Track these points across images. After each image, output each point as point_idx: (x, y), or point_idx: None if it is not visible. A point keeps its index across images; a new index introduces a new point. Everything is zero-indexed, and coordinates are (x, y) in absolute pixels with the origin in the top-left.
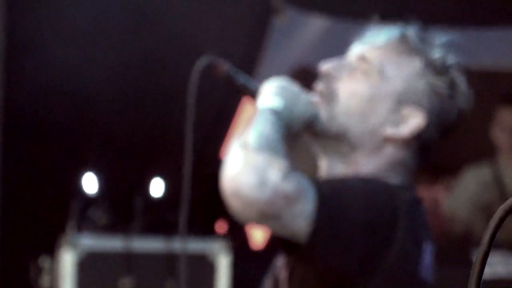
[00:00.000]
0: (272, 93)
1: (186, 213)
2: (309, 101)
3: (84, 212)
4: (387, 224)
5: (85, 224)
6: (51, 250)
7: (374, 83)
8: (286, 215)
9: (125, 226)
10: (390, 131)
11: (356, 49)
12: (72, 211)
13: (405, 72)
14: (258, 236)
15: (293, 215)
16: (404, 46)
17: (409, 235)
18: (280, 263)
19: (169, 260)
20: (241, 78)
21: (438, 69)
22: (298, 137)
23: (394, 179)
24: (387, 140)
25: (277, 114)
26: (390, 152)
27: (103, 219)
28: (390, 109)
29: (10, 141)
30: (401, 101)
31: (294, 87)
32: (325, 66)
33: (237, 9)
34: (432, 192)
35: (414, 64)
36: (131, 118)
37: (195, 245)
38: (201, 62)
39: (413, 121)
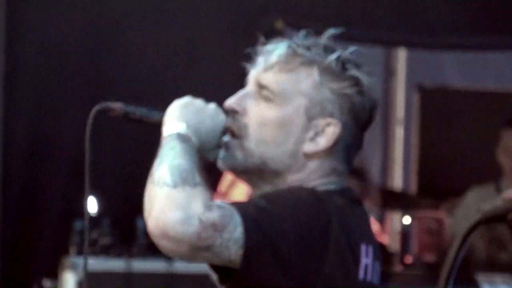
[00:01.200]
0: (174, 117)
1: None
2: (216, 111)
3: (86, 234)
4: (319, 232)
5: (86, 246)
6: (54, 272)
7: (279, 107)
8: (217, 244)
9: (126, 247)
10: (309, 147)
11: (252, 76)
12: (74, 233)
13: (305, 87)
14: None
15: (223, 242)
16: (295, 59)
17: (342, 239)
18: None
19: (169, 280)
20: (138, 112)
21: (336, 71)
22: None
23: (327, 187)
24: (309, 156)
25: (184, 137)
26: (315, 166)
27: (105, 241)
28: (303, 127)
29: (11, 162)
30: (311, 116)
31: (197, 103)
32: (228, 103)
33: (239, 31)
34: (436, 214)
35: (311, 75)
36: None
37: (199, 266)
38: (94, 109)
39: (329, 131)
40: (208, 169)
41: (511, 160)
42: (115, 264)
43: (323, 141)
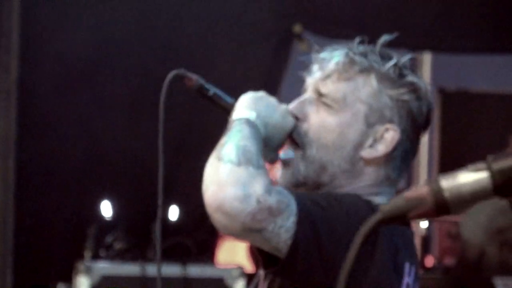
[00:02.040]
0: (246, 106)
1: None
2: (286, 112)
3: (100, 238)
4: (367, 243)
5: (101, 250)
6: (68, 276)
7: (339, 113)
8: (269, 228)
9: (141, 251)
10: (368, 153)
11: (309, 83)
12: (89, 237)
13: (363, 94)
14: None
15: (275, 229)
16: (352, 67)
17: (388, 255)
18: (260, 275)
19: (184, 285)
20: (213, 90)
21: (393, 78)
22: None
23: (379, 198)
24: (367, 162)
25: (252, 124)
26: (371, 172)
27: (120, 245)
28: (362, 133)
29: (24, 166)
30: (370, 122)
31: (269, 99)
32: (289, 108)
33: (259, 34)
34: (456, 218)
35: (369, 83)
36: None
37: (213, 270)
38: (171, 73)
39: (388, 137)
40: None
41: None
42: (130, 268)
43: (382, 147)
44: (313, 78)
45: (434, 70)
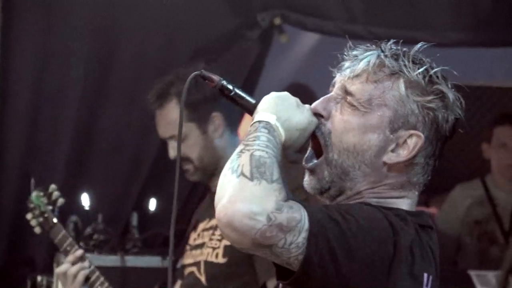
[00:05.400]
0: (267, 108)
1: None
2: (309, 113)
3: (80, 229)
4: (385, 260)
5: (80, 242)
6: (48, 268)
7: (364, 115)
8: (279, 244)
9: (120, 243)
10: (390, 158)
11: (337, 80)
12: (68, 229)
13: (391, 98)
14: None
15: (286, 245)
16: (383, 70)
17: (406, 269)
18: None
19: (163, 275)
20: (235, 90)
21: (423, 85)
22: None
23: (402, 202)
24: (389, 167)
25: (271, 128)
26: (394, 177)
27: (99, 236)
28: (385, 138)
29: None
30: (394, 127)
31: (291, 99)
32: (314, 106)
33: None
34: (426, 210)
35: (398, 87)
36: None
37: None
38: (193, 74)
39: (411, 143)
40: None
41: (501, 157)
42: (109, 259)
43: (405, 153)
44: (342, 75)
45: None
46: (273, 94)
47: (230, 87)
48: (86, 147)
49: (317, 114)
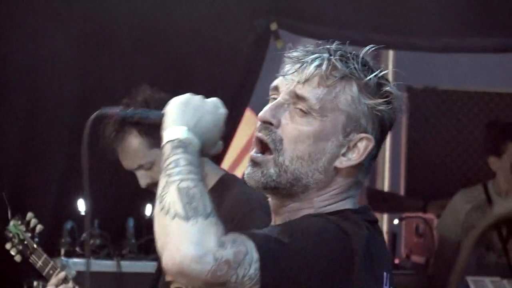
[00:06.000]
0: (173, 120)
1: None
2: (215, 106)
3: (76, 234)
4: (342, 270)
5: (77, 247)
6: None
7: (316, 122)
8: (232, 280)
9: (116, 248)
10: (341, 163)
11: (281, 85)
12: (64, 234)
13: (344, 102)
14: None
15: (238, 279)
16: (334, 74)
17: (367, 273)
18: None
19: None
20: (136, 114)
21: (372, 88)
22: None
23: (347, 203)
24: (339, 171)
25: (186, 144)
26: (343, 181)
27: (95, 241)
28: (339, 143)
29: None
30: (347, 131)
31: (195, 100)
32: (262, 114)
33: (236, 31)
34: (424, 215)
35: (351, 91)
36: None
37: None
38: (91, 117)
39: (361, 146)
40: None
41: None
42: (105, 264)
43: (355, 156)
44: (289, 79)
45: (399, 68)
46: (176, 101)
47: (130, 113)
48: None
49: (266, 123)
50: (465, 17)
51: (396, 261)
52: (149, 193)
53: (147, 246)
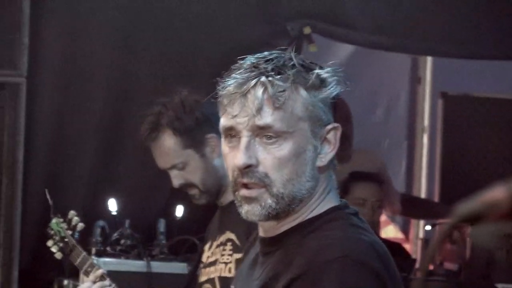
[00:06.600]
0: None
1: None
2: None
3: (107, 235)
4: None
5: (107, 247)
6: (75, 272)
7: (288, 142)
8: None
9: (146, 248)
10: (322, 161)
11: (233, 125)
12: (95, 234)
13: (300, 109)
14: None
15: None
16: (279, 91)
17: None
18: None
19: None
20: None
21: (317, 82)
22: None
23: (330, 195)
24: (321, 169)
25: None
26: (324, 175)
27: (125, 241)
28: (314, 147)
29: (32, 162)
30: (316, 132)
31: None
32: (240, 162)
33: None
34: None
35: (300, 97)
36: None
37: None
38: None
39: (331, 137)
40: None
41: None
42: (135, 264)
43: (330, 148)
44: (239, 117)
45: (436, 74)
46: None
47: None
48: (114, 152)
49: (246, 167)
50: (498, 25)
51: (431, 267)
52: (181, 194)
53: (177, 247)
